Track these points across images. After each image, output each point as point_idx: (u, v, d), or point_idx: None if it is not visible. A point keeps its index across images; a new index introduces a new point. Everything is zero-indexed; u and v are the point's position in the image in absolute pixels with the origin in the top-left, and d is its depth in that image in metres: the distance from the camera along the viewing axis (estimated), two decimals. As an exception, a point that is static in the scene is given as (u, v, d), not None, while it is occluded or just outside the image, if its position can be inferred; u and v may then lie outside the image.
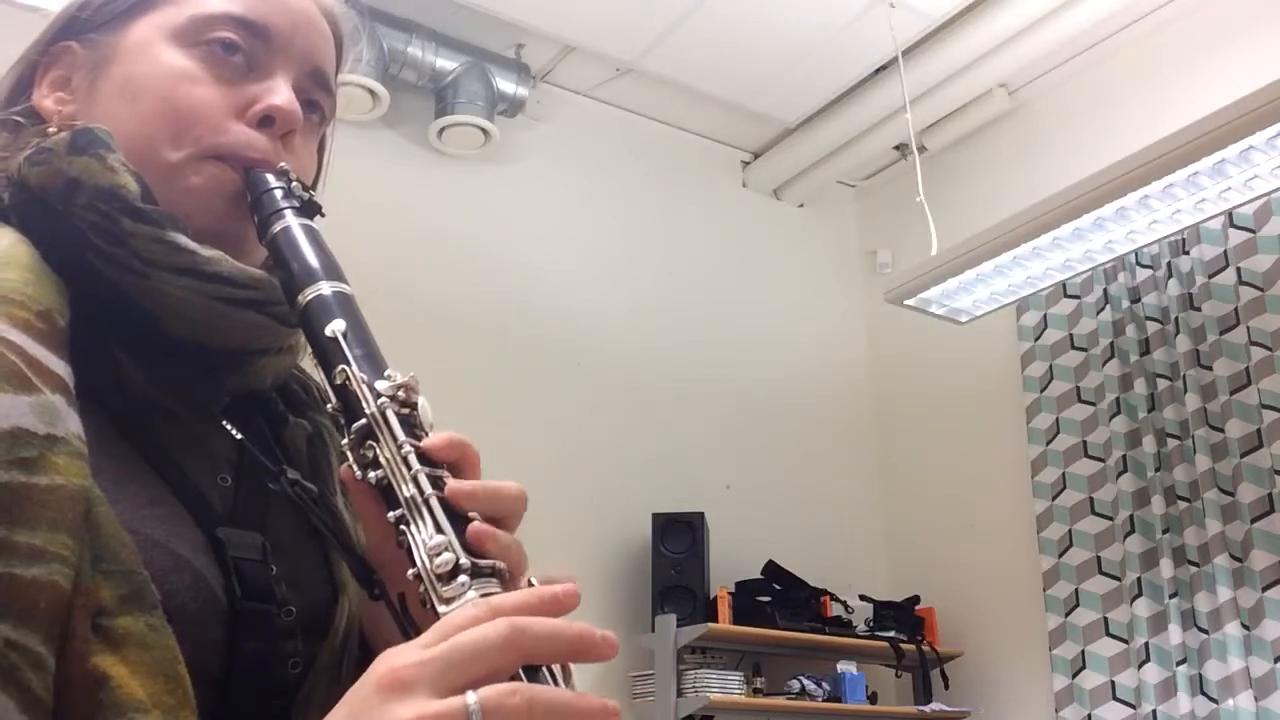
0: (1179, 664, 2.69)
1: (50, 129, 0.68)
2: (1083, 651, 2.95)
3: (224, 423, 0.68)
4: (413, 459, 0.56)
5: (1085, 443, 3.10)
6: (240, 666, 0.59)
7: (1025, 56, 3.27)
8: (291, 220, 0.66)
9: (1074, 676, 2.95)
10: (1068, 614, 3.01)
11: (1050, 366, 3.23)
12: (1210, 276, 2.85)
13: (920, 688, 3.28)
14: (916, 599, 3.39)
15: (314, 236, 0.66)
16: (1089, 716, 2.88)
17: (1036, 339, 3.28)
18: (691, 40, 3.23)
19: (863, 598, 3.34)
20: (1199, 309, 2.85)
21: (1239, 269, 2.81)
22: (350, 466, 0.59)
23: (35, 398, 0.55)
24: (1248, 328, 2.76)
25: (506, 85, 3.29)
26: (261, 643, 0.60)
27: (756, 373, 3.67)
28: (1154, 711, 2.73)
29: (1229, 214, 2.68)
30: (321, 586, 0.64)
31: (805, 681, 3.12)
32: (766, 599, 3.16)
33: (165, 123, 0.68)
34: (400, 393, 0.59)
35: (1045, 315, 3.27)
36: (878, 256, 3.94)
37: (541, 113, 3.49)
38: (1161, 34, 3.14)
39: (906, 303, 2.89)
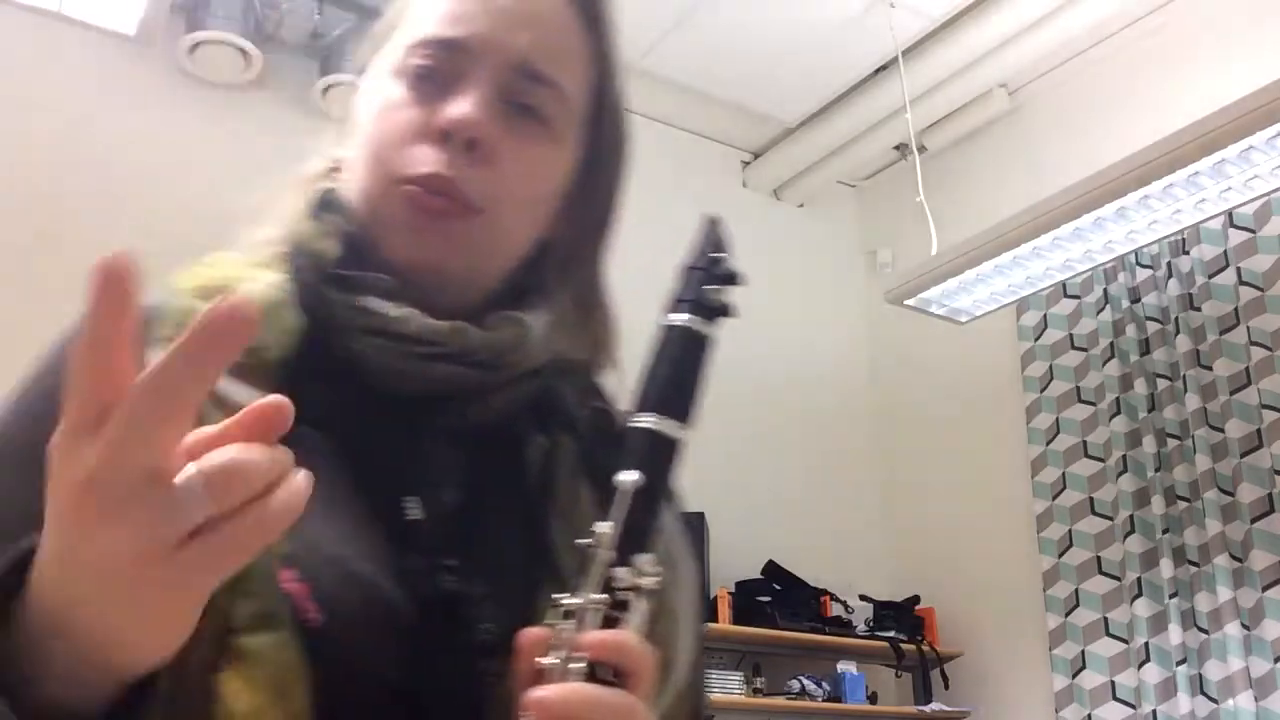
0: (1179, 664, 2.69)
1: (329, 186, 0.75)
2: (1083, 651, 2.95)
3: (446, 452, 0.70)
4: (578, 670, 0.55)
5: (1085, 443, 3.10)
6: (421, 681, 0.60)
7: (1025, 56, 3.27)
8: (682, 319, 0.64)
9: (1074, 676, 2.95)
10: (1068, 614, 3.01)
11: (1050, 366, 3.22)
12: (1210, 276, 2.85)
13: (920, 688, 3.28)
14: (916, 599, 3.39)
15: (687, 349, 0.63)
16: (1089, 716, 2.88)
17: (1036, 339, 3.28)
18: (691, 40, 3.23)
19: (863, 598, 3.34)
20: (1199, 309, 2.85)
21: (1239, 269, 2.81)
22: (541, 631, 0.57)
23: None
24: (1248, 328, 2.75)
25: (506, 85, 3.29)
26: (445, 660, 0.61)
27: (756, 372, 3.66)
28: (1154, 711, 2.73)
29: (1229, 214, 2.68)
30: (525, 609, 0.63)
31: (805, 681, 3.12)
32: (766, 599, 3.16)
33: (369, 155, 0.72)
34: (625, 594, 0.57)
35: (1045, 315, 3.26)
36: (878, 256, 3.94)
37: (541, 113, 3.49)
38: (1162, 34, 3.14)
39: (906, 303, 2.89)
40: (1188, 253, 2.91)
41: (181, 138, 2.94)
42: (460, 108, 0.69)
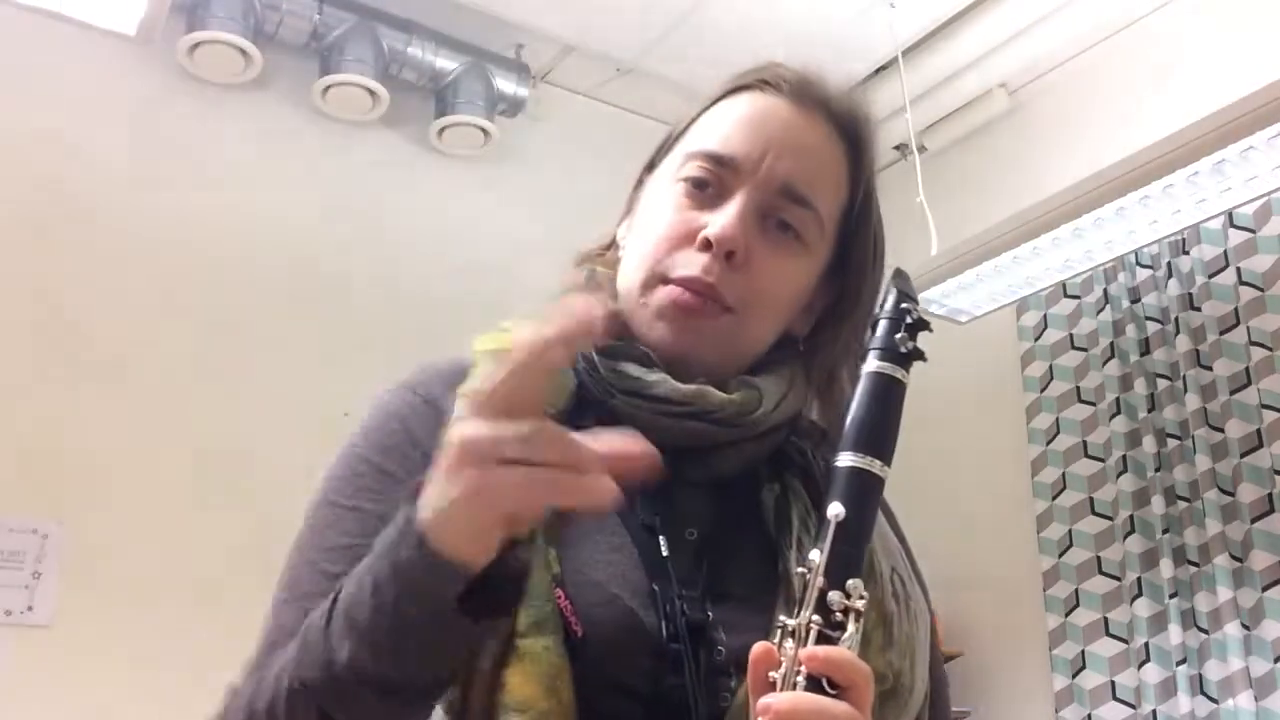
0: (1179, 664, 2.69)
1: (603, 264, 0.89)
2: (1083, 651, 2.95)
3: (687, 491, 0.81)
4: (801, 683, 0.61)
5: (1085, 443, 3.10)
6: (664, 695, 0.70)
7: (1025, 56, 3.27)
8: (877, 366, 0.71)
9: (1074, 676, 2.95)
10: (1068, 614, 3.01)
11: (1050, 366, 3.22)
12: (1210, 276, 2.85)
13: (920, 688, 3.27)
14: (916, 599, 3.39)
15: (886, 394, 0.70)
16: (1089, 716, 2.88)
17: (1036, 339, 3.27)
18: (691, 40, 3.22)
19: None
20: (1199, 309, 2.85)
21: (1239, 269, 2.80)
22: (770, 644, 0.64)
23: None
24: (1248, 328, 2.75)
25: (506, 85, 3.29)
26: (683, 678, 0.70)
27: (756, 373, 3.66)
28: (1154, 711, 2.72)
29: (1229, 214, 2.67)
30: (758, 633, 0.69)
31: (805, 681, 3.11)
32: (766, 599, 3.15)
33: (643, 249, 0.84)
34: (838, 614, 0.64)
35: (1045, 315, 3.26)
36: (878, 256, 3.94)
37: (541, 113, 3.49)
38: (1161, 34, 3.14)
39: (906, 303, 2.88)
40: (1188, 253, 2.91)
41: (181, 138, 2.94)
42: (723, 222, 0.81)
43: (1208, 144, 2.19)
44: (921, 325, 0.73)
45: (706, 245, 0.81)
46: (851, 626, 0.63)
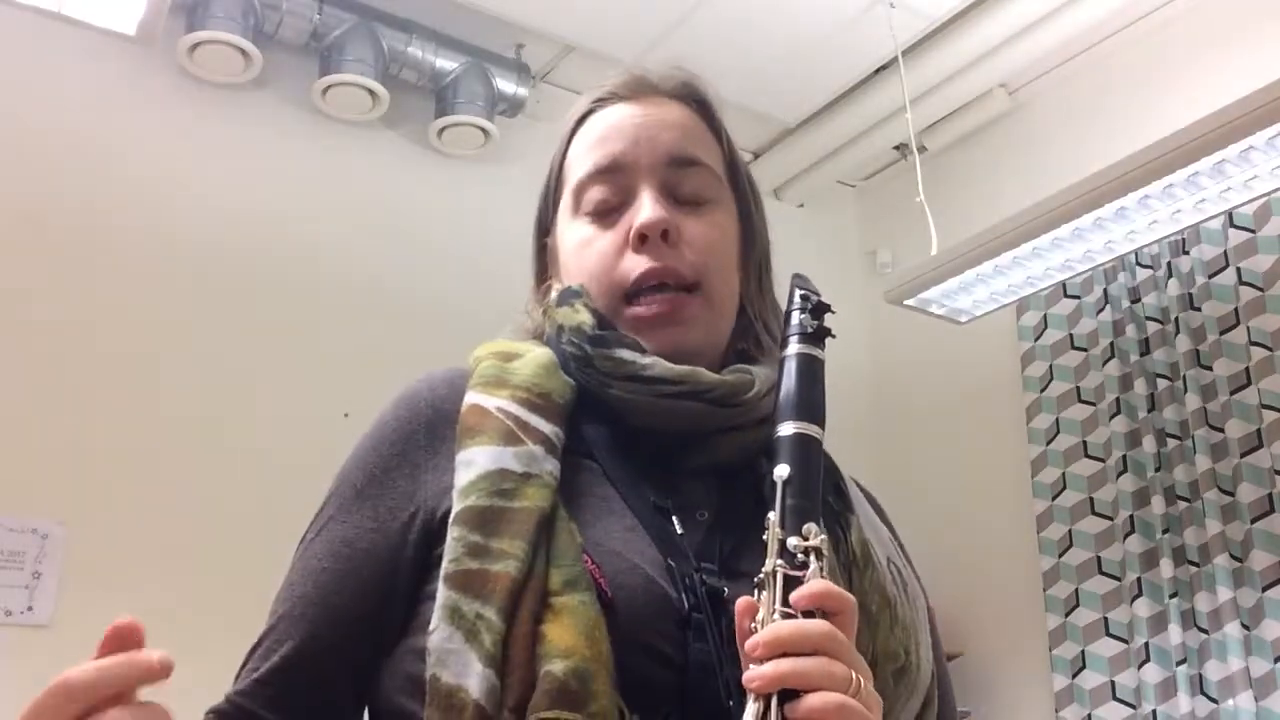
0: (1179, 664, 2.69)
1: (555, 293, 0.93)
2: (1083, 651, 2.95)
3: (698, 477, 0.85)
4: (779, 619, 0.67)
5: (1085, 443, 3.10)
6: (689, 661, 0.73)
7: (1025, 56, 3.27)
8: (794, 349, 0.78)
9: (1074, 676, 2.95)
10: (1068, 614, 3.01)
11: (1050, 366, 3.22)
12: (1210, 276, 2.85)
13: (920, 688, 3.27)
14: (916, 599, 3.39)
15: (807, 368, 0.77)
16: (1089, 716, 2.88)
17: (1036, 339, 3.28)
18: (691, 40, 3.22)
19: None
20: (1199, 309, 2.85)
21: (1239, 269, 2.80)
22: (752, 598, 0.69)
23: (519, 448, 0.78)
24: (1248, 328, 2.75)
25: (506, 85, 3.29)
26: (706, 645, 0.74)
27: (756, 373, 3.66)
28: (1154, 711, 2.73)
29: (1229, 214, 2.67)
30: None
31: (805, 681, 3.11)
32: (766, 599, 3.15)
33: (589, 282, 0.89)
34: (800, 555, 0.69)
35: (1045, 315, 3.26)
36: (878, 256, 3.94)
37: (541, 113, 3.49)
38: (1161, 34, 3.14)
39: (906, 303, 2.89)
40: (1188, 253, 2.91)
41: (181, 138, 2.94)
42: (645, 212, 0.86)
43: (1208, 144, 2.19)
44: (824, 308, 0.79)
45: (641, 239, 0.86)
46: (814, 564, 0.69)
